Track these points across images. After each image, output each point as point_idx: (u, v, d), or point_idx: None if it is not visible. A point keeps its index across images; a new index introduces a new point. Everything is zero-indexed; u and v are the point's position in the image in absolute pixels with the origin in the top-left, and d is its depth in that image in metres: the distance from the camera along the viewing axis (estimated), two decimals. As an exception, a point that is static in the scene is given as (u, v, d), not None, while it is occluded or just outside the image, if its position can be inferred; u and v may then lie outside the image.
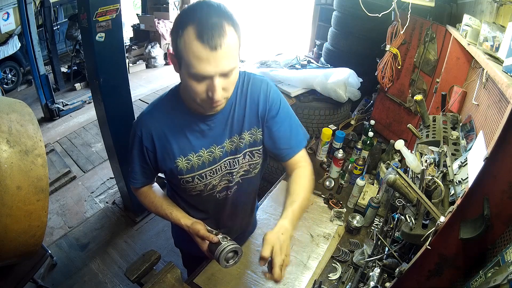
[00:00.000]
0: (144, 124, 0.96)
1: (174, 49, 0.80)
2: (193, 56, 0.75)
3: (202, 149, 0.98)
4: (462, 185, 0.89)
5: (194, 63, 0.75)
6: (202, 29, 0.73)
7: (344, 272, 1.34)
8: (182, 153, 0.97)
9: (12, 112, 1.27)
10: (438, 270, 0.80)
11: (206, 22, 0.73)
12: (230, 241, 0.98)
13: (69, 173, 3.39)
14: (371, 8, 1.81)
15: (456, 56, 1.45)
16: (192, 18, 0.74)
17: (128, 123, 2.32)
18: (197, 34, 0.73)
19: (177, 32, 0.76)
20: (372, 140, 1.95)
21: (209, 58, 0.75)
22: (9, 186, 1.16)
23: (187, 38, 0.74)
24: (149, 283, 1.04)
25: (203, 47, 0.73)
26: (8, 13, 4.88)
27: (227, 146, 1.00)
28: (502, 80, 0.78)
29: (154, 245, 2.61)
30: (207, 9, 0.75)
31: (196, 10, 0.76)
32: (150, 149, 0.98)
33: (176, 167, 0.98)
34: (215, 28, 0.73)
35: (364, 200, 1.62)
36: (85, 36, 2.02)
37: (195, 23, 0.73)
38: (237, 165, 1.04)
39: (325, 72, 2.33)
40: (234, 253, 0.98)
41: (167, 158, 0.98)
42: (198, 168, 1.00)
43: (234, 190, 1.11)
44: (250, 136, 1.02)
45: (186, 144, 0.97)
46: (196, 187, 1.04)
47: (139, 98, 5.09)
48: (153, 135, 0.96)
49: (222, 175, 1.05)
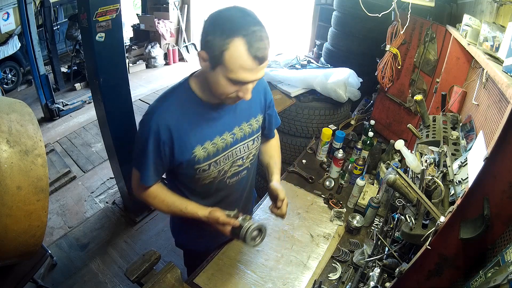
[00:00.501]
0: (161, 117, 0.96)
1: (212, 52, 0.82)
2: (240, 66, 0.81)
3: (216, 137, 1.03)
4: (462, 185, 0.89)
5: (238, 72, 0.83)
6: (253, 44, 0.79)
7: (344, 272, 1.34)
8: (199, 142, 1.01)
9: (12, 112, 1.27)
10: (438, 270, 0.80)
11: (256, 36, 0.79)
12: (250, 221, 1.01)
13: (69, 173, 3.39)
14: (371, 8, 1.81)
15: (456, 56, 1.45)
16: (241, 29, 0.79)
17: (128, 123, 2.38)
18: (248, 48, 0.79)
19: (222, 38, 0.79)
20: (372, 140, 1.95)
21: (253, 70, 0.83)
22: (9, 186, 1.16)
23: (236, 49, 0.79)
24: (149, 283, 1.04)
25: (252, 60, 0.81)
26: (8, 13, 4.88)
27: (237, 133, 1.08)
28: (502, 80, 0.78)
29: (154, 245, 2.61)
30: (251, 19, 0.81)
31: (239, 18, 0.80)
32: (167, 142, 0.98)
33: (194, 157, 1.01)
34: (265, 44, 0.81)
35: (364, 200, 1.62)
36: (85, 36, 2.02)
37: (246, 36, 0.78)
38: (247, 150, 1.13)
39: (325, 72, 2.33)
40: (258, 231, 1.02)
41: (184, 149, 1.00)
42: (213, 155, 1.05)
43: (243, 175, 1.19)
44: (256, 123, 1.13)
45: (202, 132, 1.01)
46: (210, 175, 1.08)
47: (139, 98, 5.09)
48: (170, 128, 0.96)
49: (233, 161, 1.12)
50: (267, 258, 1.40)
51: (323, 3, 3.75)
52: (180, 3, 6.38)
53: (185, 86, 1.00)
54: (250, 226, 0.99)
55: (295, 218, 1.60)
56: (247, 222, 1.00)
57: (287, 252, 1.43)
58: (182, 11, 6.45)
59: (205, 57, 0.85)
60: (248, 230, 0.98)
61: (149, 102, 4.99)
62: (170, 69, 6.41)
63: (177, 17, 6.43)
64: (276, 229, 1.54)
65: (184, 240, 1.43)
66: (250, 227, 0.98)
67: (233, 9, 0.83)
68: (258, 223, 1.01)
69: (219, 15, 0.83)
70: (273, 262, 1.38)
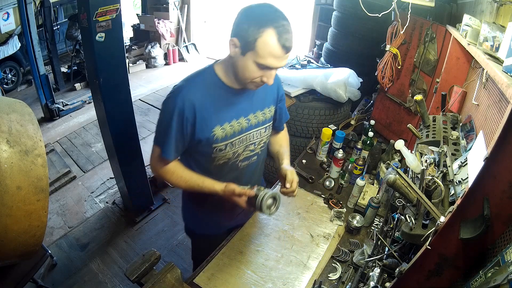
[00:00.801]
0: (186, 96, 1.04)
1: (245, 39, 0.93)
2: (269, 53, 0.93)
3: (233, 120, 1.13)
4: (462, 185, 0.89)
5: (267, 58, 0.94)
6: (282, 35, 0.91)
7: (344, 272, 1.34)
8: (219, 122, 1.10)
9: (12, 112, 1.27)
10: (438, 270, 0.80)
11: (285, 28, 0.92)
12: (265, 190, 1.08)
13: (69, 173, 3.39)
14: (371, 8, 1.81)
15: (456, 56, 1.45)
16: (273, 21, 0.91)
17: (128, 123, 2.38)
18: (278, 38, 0.91)
19: (256, 27, 0.91)
20: (372, 140, 1.95)
21: (280, 57, 0.95)
22: (9, 186, 1.16)
23: (268, 38, 0.91)
24: (149, 283, 1.04)
25: (281, 49, 0.93)
26: (8, 13, 4.88)
27: (252, 120, 1.17)
28: (502, 80, 0.78)
29: (154, 245, 2.61)
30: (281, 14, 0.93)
31: (271, 12, 0.93)
32: (190, 119, 1.06)
33: (213, 135, 1.10)
34: (291, 35, 0.94)
35: (364, 200, 1.62)
36: (85, 36, 2.02)
37: (277, 28, 0.91)
38: (259, 136, 1.23)
39: (325, 72, 2.33)
40: (273, 199, 1.09)
41: (204, 127, 1.08)
42: (230, 137, 1.14)
43: (253, 160, 1.28)
44: (269, 113, 1.23)
45: (222, 114, 1.10)
46: (225, 155, 1.17)
47: (139, 98, 5.09)
48: (195, 105, 1.05)
49: (246, 145, 1.20)
50: (267, 258, 1.40)
51: (323, 3, 3.75)
52: (180, 3, 6.38)
53: (210, 70, 1.10)
54: (265, 194, 1.05)
55: (295, 218, 1.60)
56: (262, 192, 1.07)
57: (287, 252, 1.43)
58: (182, 11, 6.46)
59: (237, 44, 0.96)
60: (264, 198, 1.04)
61: (149, 102, 4.99)
62: (170, 69, 6.41)
63: (177, 17, 6.43)
64: (276, 229, 1.54)
65: (195, 224, 1.49)
66: (265, 195, 1.05)
67: (265, 5, 0.95)
68: (272, 192, 1.08)
69: (253, 8, 0.95)
70: (273, 262, 1.38)
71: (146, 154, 3.26)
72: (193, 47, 6.92)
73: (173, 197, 3.11)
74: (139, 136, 2.77)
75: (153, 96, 5.21)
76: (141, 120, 4.41)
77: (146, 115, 4.66)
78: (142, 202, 2.87)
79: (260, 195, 1.06)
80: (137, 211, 2.84)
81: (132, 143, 2.47)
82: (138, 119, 3.88)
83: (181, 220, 1.61)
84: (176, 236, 2.69)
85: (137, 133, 2.49)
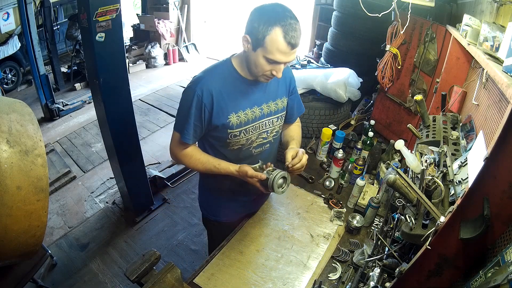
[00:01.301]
0: (205, 84, 1.14)
1: (256, 36, 1.02)
2: (277, 49, 1.02)
3: (247, 108, 1.21)
4: (462, 185, 0.89)
5: (275, 53, 1.03)
6: (288, 32, 0.99)
7: (344, 272, 1.34)
8: (234, 110, 1.18)
9: (12, 112, 1.27)
10: (438, 270, 0.80)
11: (291, 26, 0.99)
12: (275, 171, 1.18)
13: (69, 173, 3.39)
14: (371, 8, 1.81)
15: (456, 56, 1.45)
16: (280, 20, 0.99)
17: (128, 123, 2.38)
18: (284, 35, 0.99)
19: (265, 26, 0.99)
20: (372, 140, 1.95)
21: (287, 53, 1.04)
22: (9, 186, 1.16)
23: (275, 35, 1.00)
24: (149, 283, 1.04)
25: (287, 45, 1.01)
26: (8, 13, 4.88)
27: (264, 109, 1.25)
28: (502, 80, 0.78)
29: (154, 245, 2.61)
30: (289, 14, 1.01)
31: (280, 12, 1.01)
32: (208, 106, 1.15)
33: (229, 122, 1.19)
34: (298, 33, 1.01)
35: (364, 200, 1.62)
36: (85, 36, 2.02)
37: (284, 26, 0.99)
38: (271, 125, 1.30)
39: (325, 72, 2.33)
40: (283, 179, 1.19)
41: (221, 114, 1.17)
42: (244, 124, 1.22)
43: (266, 148, 1.36)
44: (282, 103, 1.31)
45: (237, 102, 1.19)
46: (240, 141, 1.25)
47: (139, 98, 5.09)
48: (213, 94, 1.14)
49: (259, 133, 1.28)
50: (267, 258, 1.40)
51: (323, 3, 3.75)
52: (180, 3, 6.38)
53: (228, 63, 1.19)
54: (276, 176, 1.15)
55: (295, 218, 1.60)
56: (272, 173, 1.17)
57: (287, 252, 1.43)
58: (182, 11, 6.46)
59: (249, 40, 1.05)
60: (275, 179, 1.15)
61: (149, 102, 4.99)
62: (170, 69, 6.41)
63: (177, 17, 6.43)
64: (276, 229, 1.54)
65: (212, 212, 1.55)
66: (276, 176, 1.15)
67: (276, 5, 1.03)
68: (282, 172, 1.17)
69: (264, 8, 1.03)
70: (273, 262, 1.38)
71: (146, 154, 3.27)
72: (193, 47, 6.92)
73: (173, 197, 3.11)
74: (139, 136, 2.77)
75: (153, 96, 5.22)
76: (141, 120, 4.42)
77: (146, 115, 4.66)
78: (142, 202, 2.87)
79: (271, 177, 1.16)
80: (137, 211, 2.84)
81: (132, 143, 2.47)
82: (138, 119, 3.89)
83: (181, 220, 1.62)
84: (176, 236, 2.69)
85: (137, 133, 2.49)
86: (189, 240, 2.66)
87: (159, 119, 4.55)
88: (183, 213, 2.93)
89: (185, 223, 2.82)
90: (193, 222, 2.82)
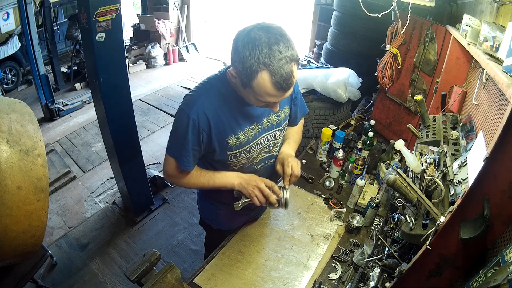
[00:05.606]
0: (201, 107, 1.04)
1: (241, 77, 0.91)
2: (265, 93, 0.91)
3: (247, 128, 1.13)
4: (462, 185, 0.89)
5: (264, 97, 0.92)
6: (277, 78, 0.86)
7: (344, 272, 1.34)
8: (232, 132, 1.10)
9: (12, 112, 1.27)
10: (438, 270, 0.80)
11: (281, 70, 0.85)
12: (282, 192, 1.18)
13: (69, 173, 3.39)
14: (371, 8, 1.81)
15: (456, 56, 1.45)
16: (265, 58, 0.84)
17: (128, 123, 2.38)
18: (272, 82, 0.87)
19: (250, 69, 0.86)
20: (372, 140, 1.95)
21: (279, 96, 0.93)
22: (9, 186, 1.16)
23: (261, 80, 0.87)
24: (149, 283, 1.04)
25: (277, 91, 0.89)
26: (8, 13, 4.88)
27: (264, 123, 1.17)
28: (502, 80, 0.78)
29: (154, 245, 2.61)
30: (278, 48, 0.84)
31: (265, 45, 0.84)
32: (206, 130, 1.06)
33: (227, 144, 1.11)
34: (289, 78, 0.88)
35: (364, 200, 1.62)
36: (85, 36, 2.02)
37: (271, 71, 0.85)
38: (274, 139, 1.23)
39: (325, 72, 2.33)
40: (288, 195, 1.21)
41: (219, 137, 1.09)
42: (244, 144, 1.14)
43: (270, 162, 1.29)
44: (283, 113, 1.22)
45: (235, 124, 1.10)
46: (240, 161, 1.19)
47: (139, 98, 5.09)
48: (209, 118, 1.05)
49: (261, 149, 1.21)
50: (267, 258, 1.40)
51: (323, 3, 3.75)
52: (180, 3, 6.38)
53: (223, 79, 1.07)
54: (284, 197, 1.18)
55: (295, 218, 1.60)
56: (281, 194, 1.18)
57: (287, 252, 1.43)
58: (182, 11, 6.46)
59: (235, 75, 0.94)
60: (287, 198, 1.18)
61: (149, 102, 4.99)
62: (170, 69, 6.41)
63: (177, 17, 6.43)
64: (276, 229, 1.54)
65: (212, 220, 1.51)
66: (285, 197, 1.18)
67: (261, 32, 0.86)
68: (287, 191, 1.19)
69: (248, 39, 0.86)
70: (273, 262, 1.38)
71: (146, 154, 3.27)
72: (193, 47, 6.92)
73: (173, 197, 3.11)
74: (139, 136, 2.77)
75: (153, 96, 5.22)
76: (141, 120, 4.42)
77: (146, 115, 4.66)
78: (142, 202, 2.87)
79: (282, 199, 1.18)
80: (137, 211, 2.84)
81: (132, 143, 2.48)
82: (138, 119, 3.89)
83: (181, 220, 1.61)
84: (176, 236, 2.69)
85: (137, 133, 2.49)
86: (189, 240, 2.66)
87: (159, 119, 4.55)
88: (183, 213, 2.93)
89: (185, 223, 2.82)
90: (193, 222, 2.82)
